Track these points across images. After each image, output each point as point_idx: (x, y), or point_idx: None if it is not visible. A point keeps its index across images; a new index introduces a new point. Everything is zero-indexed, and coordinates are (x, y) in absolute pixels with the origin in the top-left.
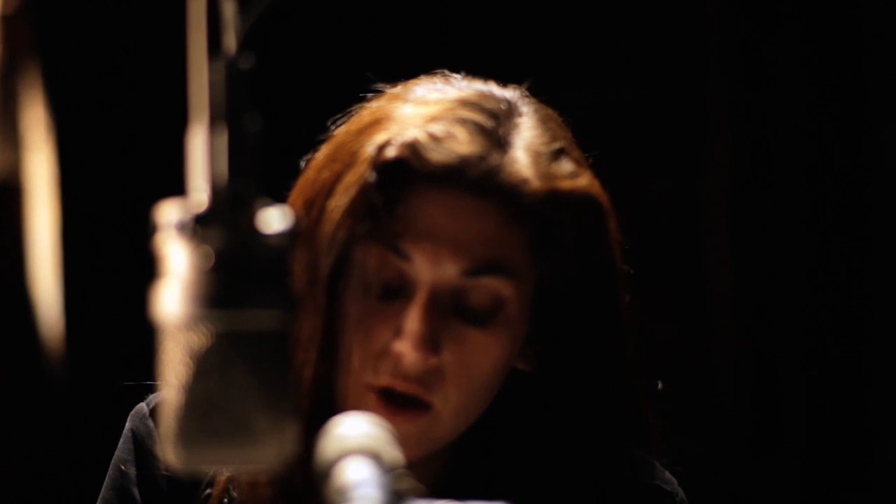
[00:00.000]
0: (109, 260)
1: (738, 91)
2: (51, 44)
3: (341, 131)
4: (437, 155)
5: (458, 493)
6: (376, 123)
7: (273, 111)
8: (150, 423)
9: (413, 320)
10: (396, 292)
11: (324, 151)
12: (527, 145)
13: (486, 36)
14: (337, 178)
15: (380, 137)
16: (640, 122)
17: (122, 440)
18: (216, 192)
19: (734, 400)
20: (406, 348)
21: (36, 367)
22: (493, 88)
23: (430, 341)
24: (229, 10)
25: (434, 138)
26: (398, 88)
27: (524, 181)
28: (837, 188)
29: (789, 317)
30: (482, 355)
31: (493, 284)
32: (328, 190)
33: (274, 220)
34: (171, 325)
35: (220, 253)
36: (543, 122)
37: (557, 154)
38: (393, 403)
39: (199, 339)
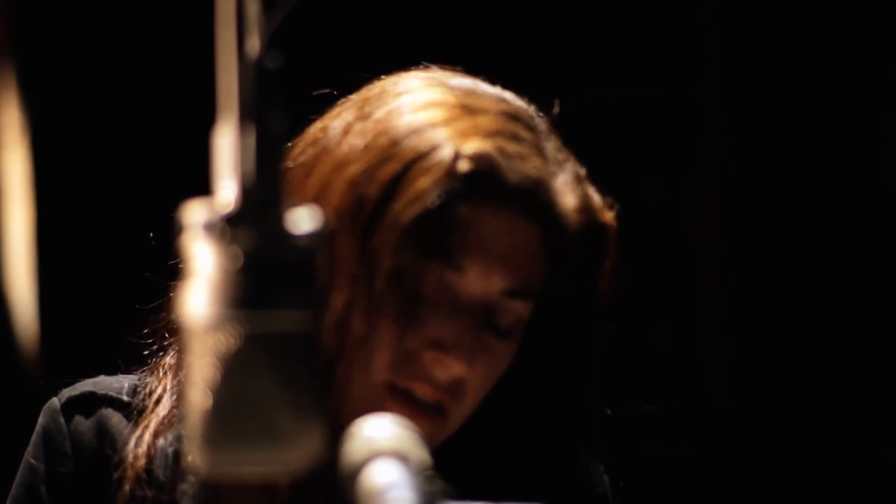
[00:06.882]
0: (85, 260)
1: (733, 92)
2: (26, 41)
3: (381, 123)
4: (512, 175)
5: None
6: (430, 126)
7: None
8: (60, 419)
9: (457, 332)
10: (435, 299)
11: (365, 139)
12: (565, 169)
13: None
14: (398, 178)
15: (441, 143)
16: (631, 123)
17: (33, 436)
18: (244, 193)
19: (728, 405)
20: (446, 358)
21: (10, 369)
22: (506, 93)
23: (470, 355)
24: (254, 10)
25: (505, 155)
26: (403, 79)
27: (572, 212)
28: (833, 192)
29: (783, 322)
30: (495, 370)
31: (521, 307)
32: (389, 189)
33: (302, 220)
34: (198, 327)
35: (249, 253)
36: (557, 138)
37: (586, 180)
38: (412, 406)
39: (226, 340)
